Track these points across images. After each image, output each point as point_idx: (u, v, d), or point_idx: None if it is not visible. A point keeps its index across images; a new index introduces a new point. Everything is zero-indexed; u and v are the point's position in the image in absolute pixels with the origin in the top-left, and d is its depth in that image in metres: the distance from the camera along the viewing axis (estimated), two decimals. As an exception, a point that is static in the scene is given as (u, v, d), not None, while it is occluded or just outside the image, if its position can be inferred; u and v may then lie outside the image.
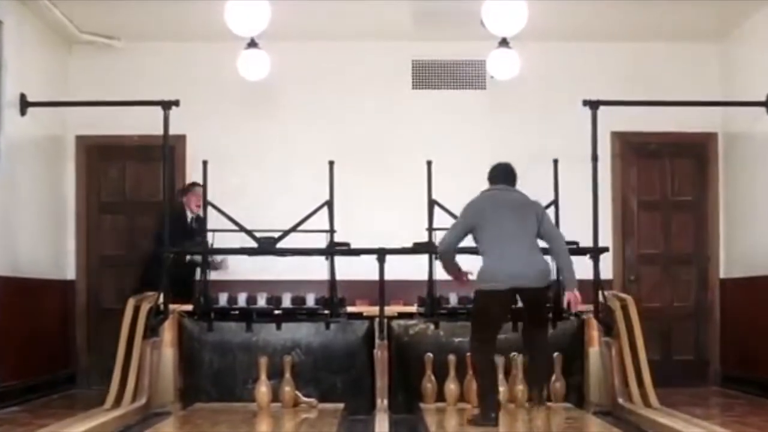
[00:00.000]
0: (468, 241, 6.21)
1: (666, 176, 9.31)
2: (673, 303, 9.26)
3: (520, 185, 8.56)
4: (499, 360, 6.57)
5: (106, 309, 8.85)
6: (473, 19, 7.75)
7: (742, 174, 8.82)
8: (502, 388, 6.60)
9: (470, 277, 6.20)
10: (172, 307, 7.12)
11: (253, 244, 7.11)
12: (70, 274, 9.07)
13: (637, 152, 9.29)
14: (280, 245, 7.09)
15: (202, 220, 7.62)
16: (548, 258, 6.27)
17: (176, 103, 7.28)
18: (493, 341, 6.09)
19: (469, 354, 6.39)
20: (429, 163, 7.33)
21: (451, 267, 6.19)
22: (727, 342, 9.03)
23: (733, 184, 9.01)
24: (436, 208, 7.28)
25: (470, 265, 6.17)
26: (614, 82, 8.81)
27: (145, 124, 7.81)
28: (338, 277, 7.13)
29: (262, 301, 7.13)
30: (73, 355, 9.01)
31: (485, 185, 8.70)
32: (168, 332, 7.14)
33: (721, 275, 9.16)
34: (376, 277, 6.92)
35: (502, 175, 6.36)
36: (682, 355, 9.16)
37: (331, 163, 7.32)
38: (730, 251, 9.05)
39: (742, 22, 8.64)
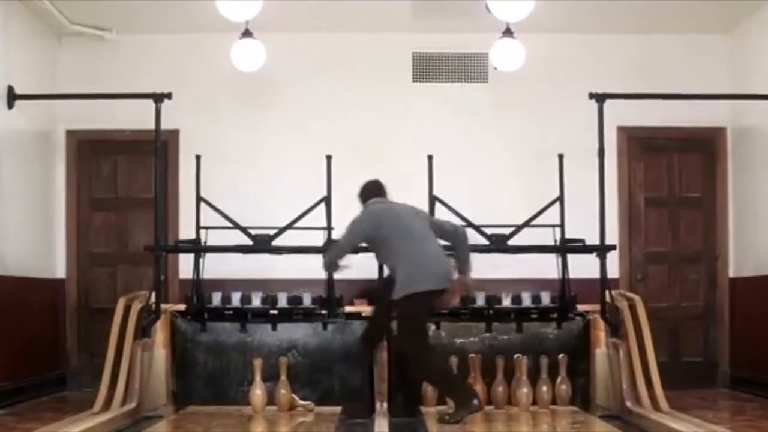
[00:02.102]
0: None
1: (674, 172, 9.19)
2: (681, 303, 9.15)
3: (524, 181, 8.61)
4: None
5: (98, 308, 8.77)
6: (475, 10, 7.69)
7: (751, 169, 8.70)
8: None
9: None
10: (164, 306, 7.05)
11: (248, 242, 7.07)
12: (60, 272, 8.96)
13: (644, 147, 9.17)
14: (275, 243, 7.05)
15: None
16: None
17: (168, 95, 7.19)
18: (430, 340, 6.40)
19: (418, 365, 6.38)
20: (430, 158, 7.27)
21: (334, 271, 6.60)
22: (736, 343, 8.91)
23: (743, 180, 8.89)
24: (437, 204, 7.20)
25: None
26: (620, 75, 8.71)
27: (138, 118, 7.73)
28: (336, 276, 7.02)
29: (257, 301, 7.08)
30: (63, 356, 8.91)
31: (486, 181, 8.78)
32: (160, 333, 7.07)
33: (731, 274, 9.04)
34: (374, 276, 6.84)
35: (377, 188, 6.64)
36: (690, 357, 9.06)
37: (329, 158, 7.25)
38: (740, 249, 8.93)
39: (752, 14, 8.53)
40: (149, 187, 8.09)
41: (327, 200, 7.15)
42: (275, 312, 7.05)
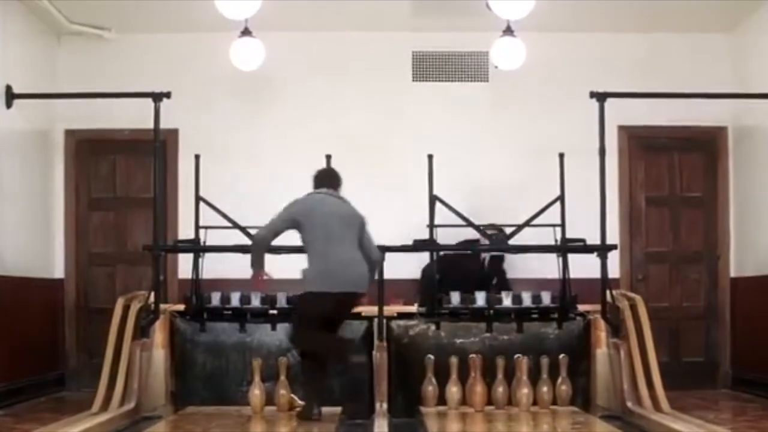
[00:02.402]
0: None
1: (675, 171, 9.16)
2: (682, 303, 9.12)
3: (524, 180, 8.57)
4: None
5: (96, 308, 8.75)
6: (475, 9, 7.67)
7: (753, 169, 8.67)
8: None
9: (266, 277, 6.37)
10: (163, 306, 7.01)
11: (248, 241, 6.93)
12: (59, 272, 8.94)
13: (645, 147, 9.14)
14: (275, 242, 6.82)
15: None
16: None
17: (167, 95, 7.17)
18: (315, 339, 6.31)
19: (295, 347, 6.54)
20: (430, 158, 7.19)
21: (258, 260, 6.34)
22: (737, 343, 8.88)
23: (744, 180, 8.86)
24: (438, 204, 7.14)
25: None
26: (621, 74, 8.67)
27: (137, 117, 7.72)
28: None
29: (256, 301, 7.02)
30: (61, 356, 8.88)
31: (487, 181, 8.72)
32: (159, 333, 7.02)
33: (732, 274, 9.01)
34: None
35: (328, 179, 6.55)
36: (691, 357, 9.03)
37: (328, 158, 7.18)
38: (741, 249, 8.90)
39: (754, 12, 8.50)
40: (148, 187, 8.07)
41: (326, 200, 7.10)
42: (275, 312, 6.99)
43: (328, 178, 6.56)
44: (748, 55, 8.75)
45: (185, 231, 8.02)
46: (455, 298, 7.02)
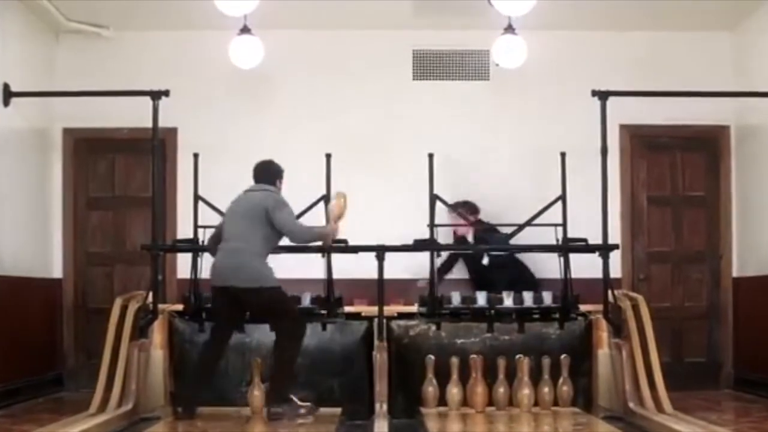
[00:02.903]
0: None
1: (677, 171, 9.11)
2: (684, 303, 9.08)
3: (526, 179, 8.54)
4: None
5: (95, 308, 8.71)
6: (476, 7, 7.64)
7: (756, 168, 8.62)
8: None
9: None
10: (161, 306, 7.00)
11: None
12: (57, 272, 8.90)
13: (647, 146, 9.09)
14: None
15: None
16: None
17: (166, 93, 7.15)
18: (217, 337, 6.49)
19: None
20: (430, 157, 7.16)
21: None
22: (740, 343, 8.84)
23: (747, 179, 8.82)
24: (438, 204, 7.13)
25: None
26: (623, 73, 8.62)
27: (136, 116, 7.67)
28: (335, 275, 7.01)
29: None
30: (60, 356, 8.85)
31: (488, 180, 8.71)
32: (157, 333, 7.01)
33: (735, 274, 8.97)
34: (375, 275, 6.78)
35: (256, 173, 6.69)
36: (693, 357, 8.99)
37: (328, 156, 7.19)
38: (744, 249, 8.86)
39: (756, 10, 8.45)
40: (147, 186, 8.01)
41: (326, 199, 7.07)
42: (273, 312, 6.95)
43: (256, 172, 6.68)
44: (750, 54, 8.72)
45: (184, 230, 7.95)
46: (456, 298, 6.99)
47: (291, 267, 7.54)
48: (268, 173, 6.63)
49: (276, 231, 6.41)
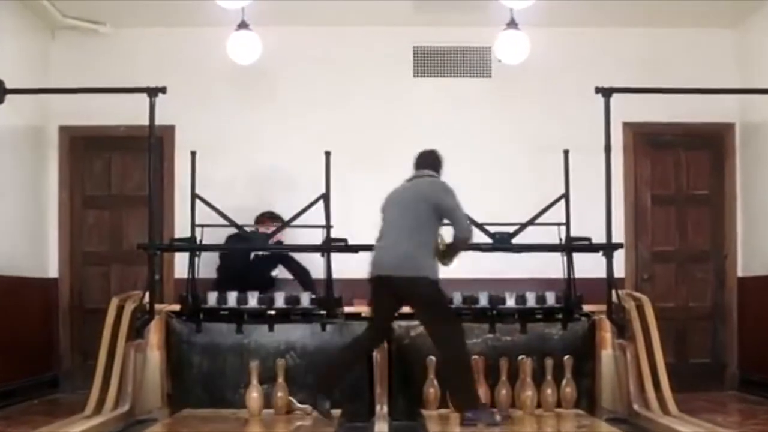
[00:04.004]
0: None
1: (681, 169, 9.07)
2: (688, 303, 9.04)
3: (528, 177, 8.46)
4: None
5: (91, 309, 8.64)
6: (477, 4, 7.57)
7: (761, 166, 8.58)
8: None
9: None
10: (158, 307, 6.93)
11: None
12: (53, 271, 8.87)
13: (650, 144, 9.04)
14: (272, 241, 6.98)
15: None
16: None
17: (163, 90, 7.05)
18: (370, 330, 6.31)
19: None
20: None
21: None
22: (745, 344, 8.80)
23: (752, 177, 8.77)
24: None
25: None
26: (626, 70, 8.54)
27: (133, 113, 7.55)
28: (335, 275, 6.95)
29: (253, 301, 6.92)
30: (55, 357, 8.81)
31: (490, 178, 8.66)
32: (154, 334, 6.93)
33: (739, 273, 8.93)
34: None
35: (417, 161, 6.48)
36: (698, 358, 8.96)
37: (328, 154, 7.10)
38: (749, 248, 8.82)
39: (760, 7, 8.42)
40: (144, 185, 7.91)
41: (326, 197, 7.01)
42: (272, 312, 6.91)
43: (420, 159, 6.46)
44: (754, 51, 8.68)
45: (181, 229, 7.98)
46: (457, 297, 6.93)
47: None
48: (433, 160, 6.44)
49: (439, 220, 6.17)
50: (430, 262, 6.12)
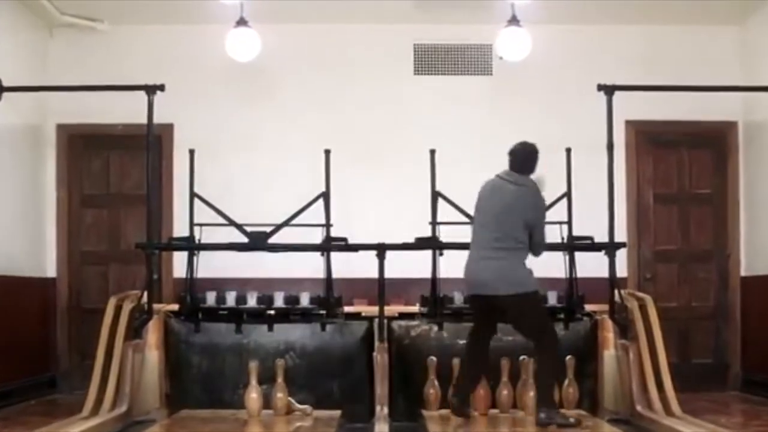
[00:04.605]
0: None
1: (683, 168, 9.05)
2: (691, 303, 9.02)
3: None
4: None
5: (89, 309, 8.63)
6: (478, 1, 7.48)
7: (764, 165, 8.56)
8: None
9: None
10: (156, 306, 6.92)
11: (244, 239, 6.93)
12: (51, 271, 8.86)
13: (653, 142, 9.01)
14: (272, 240, 6.92)
15: None
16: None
17: (161, 87, 7.06)
18: (474, 338, 6.24)
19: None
20: (432, 153, 7.14)
21: None
22: (748, 344, 8.77)
23: (755, 176, 8.74)
24: (440, 201, 7.08)
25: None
26: (628, 67, 8.53)
27: (131, 112, 7.55)
28: (335, 274, 6.96)
29: (252, 301, 6.94)
30: (53, 357, 8.80)
31: (490, 175, 8.54)
32: (152, 334, 6.90)
33: (742, 273, 8.91)
34: (375, 274, 6.70)
35: (512, 158, 6.22)
36: (700, 358, 8.94)
37: (328, 153, 7.12)
38: (752, 247, 8.79)
39: (763, 5, 8.41)
40: (142, 184, 7.92)
41: (325, 196, 7.02)
42: (272, 312, 6.91)
43: (515, 158, 6.16)
44: (757, 49, 8.65)
45: (180, 229, 7.97)
46: (458, 297, 6.91)
47: (289, 265, 7.73)
48: (530, 161, 6.12)
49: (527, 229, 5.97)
50: (528, 271, 6.01)
